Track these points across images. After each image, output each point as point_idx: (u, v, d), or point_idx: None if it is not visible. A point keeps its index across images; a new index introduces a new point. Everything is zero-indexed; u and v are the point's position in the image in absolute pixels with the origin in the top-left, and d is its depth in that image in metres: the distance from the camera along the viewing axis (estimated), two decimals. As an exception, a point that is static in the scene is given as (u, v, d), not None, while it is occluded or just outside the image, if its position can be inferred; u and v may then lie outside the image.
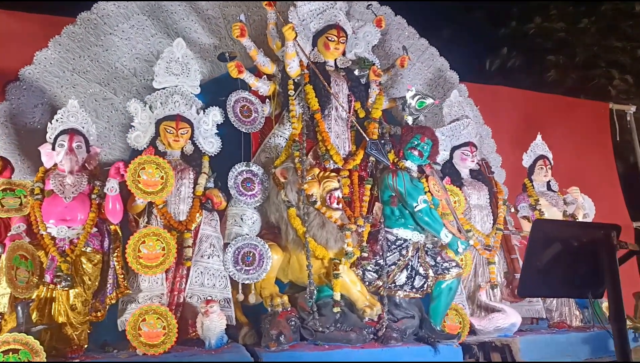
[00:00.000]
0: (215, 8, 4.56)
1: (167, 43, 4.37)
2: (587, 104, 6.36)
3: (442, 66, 5.40)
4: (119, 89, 4.24)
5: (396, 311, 3.75)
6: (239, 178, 3.71)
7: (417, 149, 3.98)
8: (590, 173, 6.04)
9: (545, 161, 4.71)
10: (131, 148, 3.80)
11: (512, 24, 9.13)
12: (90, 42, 4.20)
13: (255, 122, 3.89)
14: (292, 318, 3.50)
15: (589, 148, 6.16)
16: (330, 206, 3.65)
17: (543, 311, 4.43)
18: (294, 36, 3.80)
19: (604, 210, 6.08)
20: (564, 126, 6.02)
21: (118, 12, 4.31)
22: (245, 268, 3.57)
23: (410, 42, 5.28)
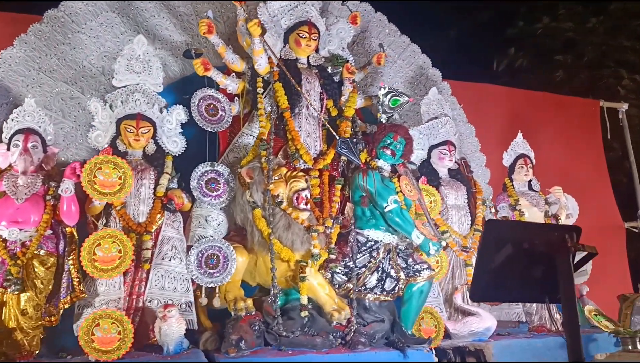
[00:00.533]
0: (187, 5, 4.45)
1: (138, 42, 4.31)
2: (576, 101, 6.21)
3: (424, 64, 5.27)
4: (86, 88, 4.13)
5: (365, 315, 3.64)
6: (203, 178, 3.60)
7: (390, 148, 3.86)
8: (580, 172, 5.90)
9: (526, 159, 4.58)
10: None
11: (520, 24, 9.00)
12: (58, 41, 4.10)
13: (221, 121, 3.79)
14: (255, 323, 3.38)
15: (578, 146, 6.02)
16: (297, 206, 3.54)
17: (523, 314, 4.30)
18: (260, 32, 3.69)
19: (595, 210, 5.95)
20: (553, 124, 5.89)
21: (86, 10, 4.21)
22: (208, 271, 3.46)
23: (391, 39, 5.16)
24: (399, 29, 5.21)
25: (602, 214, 5.99)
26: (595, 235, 5.91)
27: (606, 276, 5.81)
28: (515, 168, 4.59)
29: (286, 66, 4.01)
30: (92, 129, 3.59)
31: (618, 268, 5.93)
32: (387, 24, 5.17)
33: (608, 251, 5.87)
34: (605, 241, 5.93)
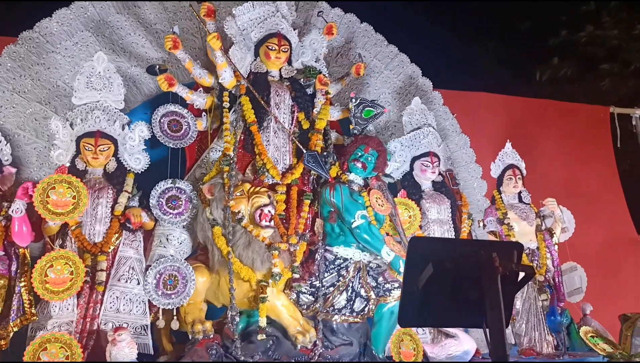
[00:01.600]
0: (163, 22, 4.42)
1: (112, 59, 4.28)
2: (583, 108, 5.89)
3: (413, 73, 5.08)
4: (59, 107, 4.11)
5: (333, 338, 3.46)
6: (164, 195, 3.51)
7: (360, 160, 3.70)
8: (588, 183, 5.59)
9: (514, 170, 4.32)
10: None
11: (563, 33, 8.69)
12: (32, 61, 4.11)
13: (185, 136, 3.70)
14: (213, 347, 3.25)
15: (586, 155, 5.70)
16: (259, 223, 3.40)
17: (512, 336, 4.02)
18: (220, 46, 3.60)
19: (606, 223, 5.62)
20: (558, 132, 5.60)
21: (61, 30, 4.22)
22: (166, 292, 3.35)
23: (377, 50, 5.02)
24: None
25: (614, 226, 5.64)
26: (606, 250, 5.61)
27: (620, 292, 5.46)
28: (504, 180, 4.33)
29: (256, 79, 3.92)
30: (54, 147, 3.55)
31: (633, 283, 5.55)
32: (373, 35, 5.03)
33: (621, 266, 5.53)
34: (618, 255, 5.59)
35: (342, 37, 4.93)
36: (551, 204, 4.23)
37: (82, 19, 4.28)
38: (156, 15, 4.43)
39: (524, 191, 4.35)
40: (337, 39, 4.91)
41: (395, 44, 5.10)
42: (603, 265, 5.45)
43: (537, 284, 3.99)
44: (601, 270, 5.44)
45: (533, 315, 3.94)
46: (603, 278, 5.37)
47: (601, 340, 3.92)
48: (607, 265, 5.46)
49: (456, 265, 1.93)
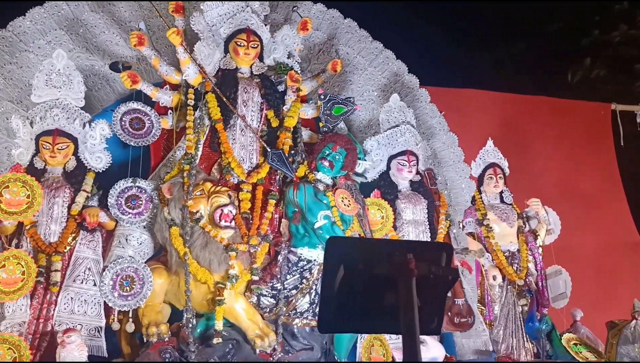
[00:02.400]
0: (138, 19, 4.34)
1: (86, 57, 4.26)
2: (582, 105, 5.63)
3: (399, 70, 4.92)
4: (31, 106, 4.08)
5: (293, 342, 3.34)
6: (123, 194, 3.44)
7: (327, 159, 3.57)
8: (587, 183, 5.35)
9: (495, 169, 4.13)
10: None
11: (595, 33, 8.40)
12: (5, 60, 4.08)
13: (148, 134, 3.63)
14: (167, 350, 3.15)
15: (586, 155, 5.46)
16: (218, 224, 3.30)
17: (489, 342, 3.83)
18: (180, 41, 3.53)
19: (607, 226, 5.38)
20: (554, 130, 5.37)
21: (35, 29, 4.19)
22: (122, 294, 3.27)
23: (361, 46, 4.87)
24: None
25: (615, 229, 5.38)
26: (606, 254, 5.36)
27: (621, 297, 5.20)
28: (484, 179, 4.15)
29: (224, 75, 3.83)
30: (15, 146, 3.51)
31: (633, 289, 5.29)
32: (357, 31, 4.88)
33: (623, 271, 5.29)
34: (619, 259, 5.34)
35: (325, 33, 4.81)
36: (535, 205, 4.03)
37: (56, 17, 4.24)
38: (131, 12, 4.36)
39: (506, 191, 4.15)
40: (320, 36, 4.80)
41: (388, 42, 4.96)
42: (601, 269, 5.22)
43: (517, 288, 3.80)
44: (599, 274, 5.21)
45: (511, 321, 3.76)
46: (601, 283, 5.15)
47: (585, 348, 3.71)
48: (605, 269, 5.22)
49: (370, 266, 1.79)
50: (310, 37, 4.76)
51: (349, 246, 1.89)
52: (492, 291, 3.85)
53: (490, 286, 3.83)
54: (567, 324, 4.33)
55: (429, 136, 4.95)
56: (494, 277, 3.74)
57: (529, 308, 3.75)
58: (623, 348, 3.67)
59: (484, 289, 3.87)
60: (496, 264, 3.87)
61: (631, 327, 3.72)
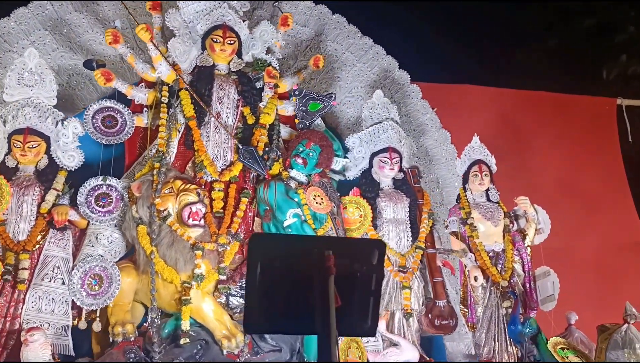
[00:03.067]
0: (122, 18, 4.36)
1: (69, 57, 4.30)
2: (584, 100, 5.41)
3: (389, 66, 4.82)
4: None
5: (262, 343, 3.25)
6: (93, 193, 3.41)
7: (301, 156, 3.49)
8: (589, 181, 5.14)
9: (481, 166, 3.97)
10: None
11: (631, 29, 8.09)
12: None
13: (120, 132, 3.60)
14: (132, 350, 3.11)
15: (589, 152, 5.25)
16: (186, 222, 3.25)
17: (471, 346, 3.70)
18: (149, 37, 3.50)
19: (611, 226, 5.16)
20: (554, 127, 5.18)
21: (19, 29, 4.24)
22: (90, 292, 3.24)
23: (350, 42, 4.80)
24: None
25: (620, 230, 5.16)
26: (610, 256, 5.13)
27: (622, 301, 4.99)
28: (469, 176, 3.99)
29: (200, 72, 3.79)
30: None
31: (637, 291, 5.07)
32: (346, 26, 4.80)
33: (627, 273, 5.07)
34: (623, 261, 5.12)
35: (312, 29, 4.75)
36: (523, 203, 3.87)
37: (40, 17, 4.28)
38: (114, 12, 4.37)
39: (492, 189, 3.99)
40: (307, 32, 4.74)
41: (379, 37, 4.86)
42: (604, 272, 5.00)
43: (500, 290, 3.65)
44: (601, 277, 5.00)
45: (494, 323, 3.61)
46: (603, 286, 4.93)
47: (572, 353, 3.54)
48: (608, 272, 5.00)
49: (288, 265, 1.71)
50: (297, 34, 4.71)
51: (271, 244, 1.80)
52: (475, 292, 3.71)
53: (473, 287, 3.69)
54: (557, 327, 4.16)
55: (420, 133, 4.84)
56: (475, 278, 3.59)
57: (512, 310, 3.59)
58: (612, 354, 3.48)
59: (467, 290, 3.73)
60: (480, 264, 3.73)
61: (622, 331, 3.54)
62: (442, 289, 3.73)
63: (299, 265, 1.70)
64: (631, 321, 3.57)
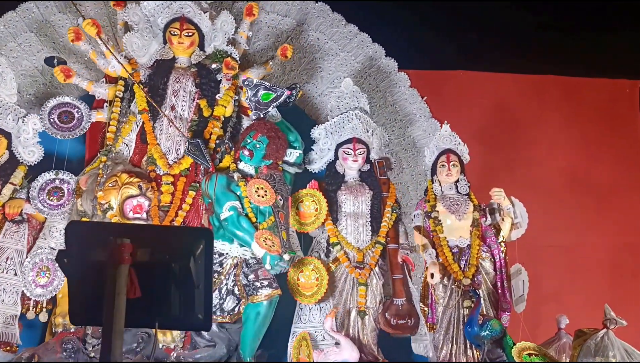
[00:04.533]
0: (103, 18, 4.44)
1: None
2: (598, 84, 4.89)
3: (375, 54, 4.61)
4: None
5: (197, 338, 3.20)
6: (46, 187, 3.49)
7: (247, 148, 3.39)
8: (604, 172, 4.68)
9: (449, 156, 3.69)
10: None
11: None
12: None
13: (76, 128, 3.66)
14: (70, 341, 3.15)
15: (603, 140, 4.77)
16: (126, 215, 3.25)
17: (430, 347, 3.44)
18: (95, 32, 3.53)
19: (627, 224, 4.68)
20: (561, 113, 4.76)
21: (7, 32, 4.39)
22: (39, 284, 3.32)
23: (334, 30, 4.63)
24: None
25: (636, 226, 4.66)
26: (626, 254, 4.64)
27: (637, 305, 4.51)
28: (437, 167, 3.72)
29: (158, 66, 3.79)
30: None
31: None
32: (330, 14, 4.64)
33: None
34: (636, 260, 4.63)
35: (294, 19, 4.63)
36: (497, 195, 3.55)
37: (27, 20, 4.41)
38: (96, 11, 4.45)
39: (462, 180, 3.69)
40: (288, 22, 4.63)
41: (366, 23, 4.67)
42: (618, 273, 4.54)
43: (462, 288, 3.37)
44: (615, 279, 4.54)
45: (453, 325, 3.34)
46: (618, 289, 4.48)
47: (541, 359, 3.21)
48: (623, 273, 4.53)
49: (93, 253, 1.63)
50: (277, 25, 4.61)
51: (85, 232, 1.73)
52: (437, 291, 3.46)
53: (433, 285, 3.44)
54: (549, 331, 3.82)
55: (407, 124, 4.60)
56: (431, 275, 3.34)
57: (471, 311, 3.30)
58: (584, 361, 3.13)
59: (428, 288, 3.49)
60: (442, 261, 3.46)
61: (598, 337, 3.17)
62: (401, 287, 3.51)
63: (102, 254, 1.61)
64: (611, 326, 3.20)
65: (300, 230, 3.60)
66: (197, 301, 1.74)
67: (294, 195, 3.65)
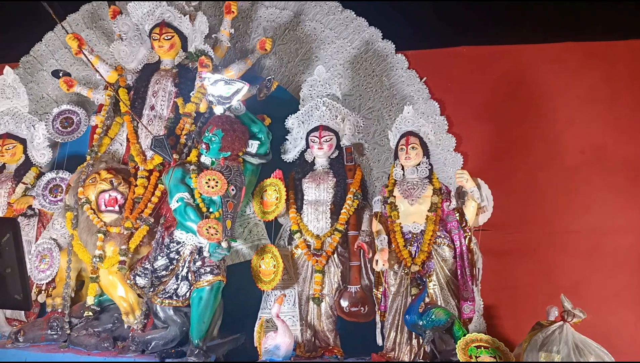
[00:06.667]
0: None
1: (82, 69, 4.97)
2: (627, 47, 4.26)
3: (371, 38, 4.51)
4: (42, 114, 4.95)
5: (157, 321, 3.46)
6: (48, 185, 3.99)
7: (204, 141, 3.57)
8: (628, 149, 4.12)
9: (408, 139, 3.50)
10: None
11: None
12: (28, 80, 5.03)
13: (74, 131, 4.12)
14: (56, 319, 3.60)
15: (631, 111, 4.19)
16: (100, 208, 3.61)
17: (379, 335, 3.34)
18: (76, 45, 3.91)
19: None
20: (583, 85, 4.25)
21: (47, 50, 5.09)
22: (41, 270, 3.82)
23: (330, 18, 4.64)
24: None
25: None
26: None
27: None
28: (398, 151, 3.56)
29: (143, 70, 4.11)
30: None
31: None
32: (326, 2, 4.65)
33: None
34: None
35: (291, 11, 4.71)
36: (460, 177, 3.32)
37: (62, 38, 5.04)
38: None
39: (424, 163, 3.50)
40: (286, 15, 4.72)
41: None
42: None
43: (410, 275, 3.22)
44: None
45: (399, 312, 3.21)
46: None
47: (489, 353, 2.96)
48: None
49: None
50: (276, 18, 4.74)
51: None
52: (388, 278, 3.34)
53: (385, 272, 3.32)
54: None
55: (404, 107, 4.43)
56: (376, 262, 3.23)
57: (414, 298, 3.14)
58: (530, 356, 2.85)
59: (383, 275, 3.38)
60: (394, 247, 3.33)
61: (549, 330, 2.87)
62: (356, 274, 3.46)
63: None
64: (569, 318, 2.88)
65: (263, 219, 3.70)
66: (11, 283, 1.96)
67: (260, 185, 3.76)
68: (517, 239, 4.09)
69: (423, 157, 3.51)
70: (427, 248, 3.25)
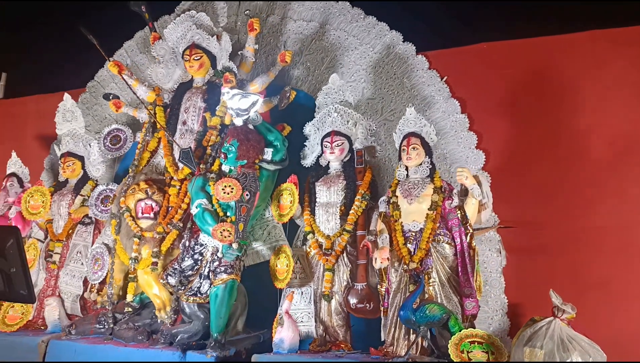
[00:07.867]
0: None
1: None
2: None
3: (392, 42, 4.63)
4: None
5: (184, 316, 3.81)
6: (100, 196, 4.50)
7: (222, 151, 3.89)
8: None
9: (410, 139, 3.57)
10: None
11: None
12: (92, 102, 5.68)
13: (121, 148, 4.62)
14: (104, 316, 4.07)
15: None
16: (137, 215, 4.05)
17: (383, 331, 3.44)
18: (117, 71, 4.38)
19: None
20: (612, 73, 4.10)
21: (108, 76, 5.69)
22: (95, 270, 4.33)
23: (353, 26, 4.83)
24: None
25: None
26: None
27: None
28: (401, 152, 3.65)
29: (178, 89, 4.52)
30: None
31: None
32: (349, 11, 4.85)
33: None
34: None
35: (317, 22, 4.94)
36: (460, 175, 3.37)
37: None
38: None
39: (425, 163, 3.55)
40: (313, 26, 4.95)
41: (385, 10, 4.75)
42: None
43: (408, 272, 3.31)
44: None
45: (397, 308, 3.31)
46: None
47: (481, 348, 2.98)
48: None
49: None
50: (303, 30, 4.99)
51: None
52: (390, 275, 3.44)
53: (384, 270, 3.43)
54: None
55: (425, 107, 4.50)
56: (375, 260, 3.35)
57: (409, 294, 3.21)
58: (518, 351, 2.86)
59: (385, 273, 3.48)
60: (394, 245, 3.43)
61: (538, 325, 2.86)
62: (363, 272, 3.61)
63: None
64: (559, 314, 2.86)
65: (279, 221, 3.94)
66: (17, 281, 2.36)
67: (277, 189, 4.02)
68: (544, 236, 4.03)
69: (425, 157, 3.59)
70: (425, 245, 3.33)
